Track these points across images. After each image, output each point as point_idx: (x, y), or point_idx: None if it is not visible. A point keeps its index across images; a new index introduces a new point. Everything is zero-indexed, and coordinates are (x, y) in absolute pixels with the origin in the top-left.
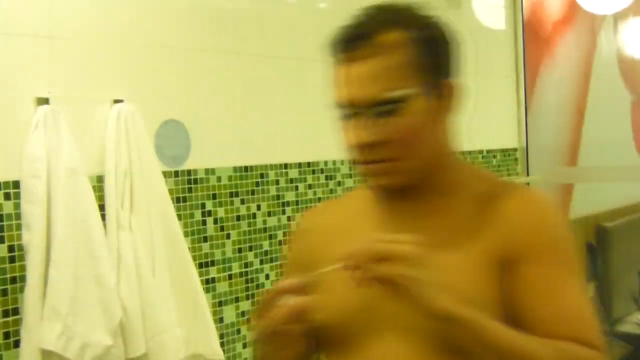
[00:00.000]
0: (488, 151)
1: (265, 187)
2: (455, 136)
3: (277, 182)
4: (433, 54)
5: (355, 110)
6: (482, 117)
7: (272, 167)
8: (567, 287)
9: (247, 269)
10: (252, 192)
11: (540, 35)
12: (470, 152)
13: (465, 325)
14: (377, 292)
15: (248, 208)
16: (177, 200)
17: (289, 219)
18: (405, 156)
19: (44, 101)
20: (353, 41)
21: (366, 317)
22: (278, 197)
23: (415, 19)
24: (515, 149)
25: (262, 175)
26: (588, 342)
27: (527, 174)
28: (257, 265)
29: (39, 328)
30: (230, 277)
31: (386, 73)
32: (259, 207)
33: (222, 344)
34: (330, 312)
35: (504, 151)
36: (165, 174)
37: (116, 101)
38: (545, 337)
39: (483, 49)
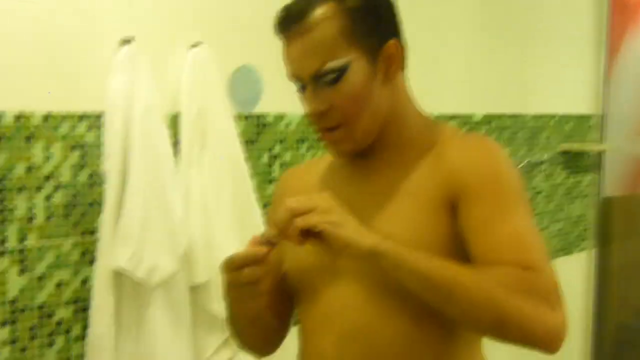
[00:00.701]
0: (562, 116)
1: None
2: (409, 93)
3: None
4: (368, 20)
5: (302, 83)
6: (559, 81)
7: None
8: (507, 216)
9: None
10: (319, 140)
11: (626, 2)
12: (542, 116)
13: (388, 258)
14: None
15: (313, 154)
16: (246, 142)
17: None
18: (351, 121)
19: (127, 41)
20: (288, 21)
21: (321, 267)
22: None
23: None
24: (590, 116)
25: None
26: (527, 264)
27: (602, 142)
28: None
29: (113, 249)
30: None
31: (320, 47)
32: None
33: None
34: (291, 264)
35: (579, 117)
36: (237, 117)
37: (193, 45)
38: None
39: (566, 14)
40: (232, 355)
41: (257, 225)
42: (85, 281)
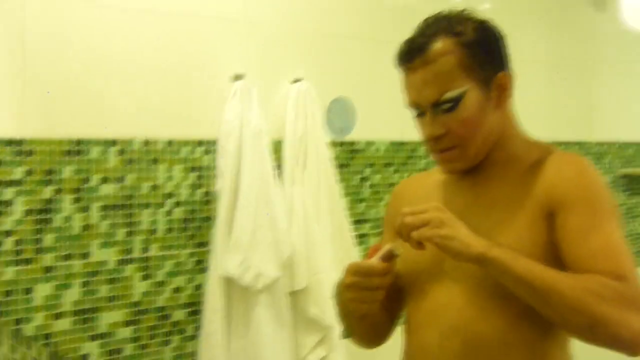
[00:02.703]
0: (623, 143)
1: (415, 160)
2: (513, 117)
3: (426, 157)
4: (482, 53)
5: (421, 110)
6: (620, 111)
7: (421, 143)
8: (600, 228)
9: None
10: (404, 164)
11: None
12: (605, 142)
13: (495, 263)
14: (434, 250)
15: (401, 177)
16: (340, 166)
17: None
18: (464, 144)
19: (239, 77)
20: (410, 54)
21: (430, 269)
22: (426, 169)
23: (464, 24)
24: None
25: (413, 150)
26: (618, 274)
27: None
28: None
29: (224, 258)
30: (380, 234)
31: (440, 78)
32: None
33: None
34: (406, 265)
35: (639, 144)
36: (331, 144)
37: (296, 80)
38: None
39: (624, 49)
40: (326, 353)
41: (347, 238)
42: (198, 287)
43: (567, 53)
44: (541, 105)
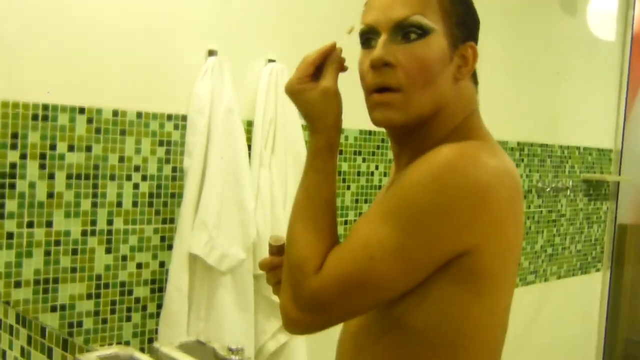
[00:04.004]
0: (585, 148)
1: (384, 151)
2: (466, 99)
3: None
4: (462, 12)
5: (376, 33)
6: (583, 117)
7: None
8: (368, 221)
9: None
10: (373, 154)
11: None
12: (568, 147)
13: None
14: None
15: (368, 166)
16: None
17: None
18: (409, 89)
19: (213, 53)
20: None
21: None
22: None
23: None
24: (610, 150)
25: (382, 140)
26: (323, 262)
27: (619, 174)
28: None
29: (190, 236)
30: (346, 222)
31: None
32: (377, 167)
33: None
34: None
35: (600, 150)
36: (303, 127)
37: (270, 60)
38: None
39: (591, 55)
40: (287, 339)
41: None
42: (162, 264)
43: (534, 54)
44: (506, 105)
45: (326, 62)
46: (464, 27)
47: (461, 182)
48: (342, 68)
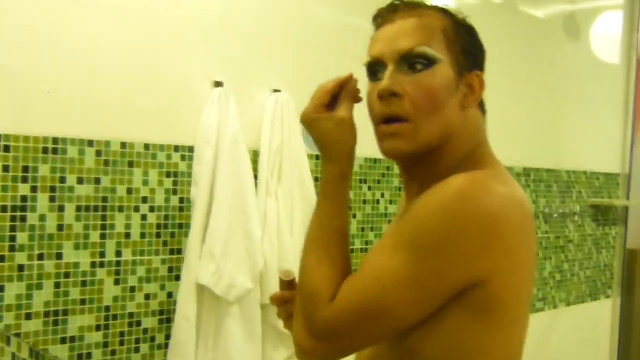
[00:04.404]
0: (591, 172)
1: (389, 178)
2: (475, 128)
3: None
4: (467, 41)
5: (382, 64)
6: (589, 141)
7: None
8: (380, 251)
9: (366, 246)
10: (378, 181)
11: None
12: (574, 171)
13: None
14: None
15: (373, 194)
16: (316, 179)
17: None
18: (417, 119)
19: (219, 84)
20: (397, 7)
21: None
22: (400, 188)
23: (455, 14)
24: (617, 174)
25: (387, 168)
26: (336, 291)
27: (628, 198)
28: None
29: (197, 266)
30: (352, 250)
31: (422, 30)
32: (382, 195)
33: None
34: None
35: (607, 175)
36: (309, 156)
37: (275, 90)
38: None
39: (596, 80)
40: None
41: None
42: (170, 294)
43: (539, 80)
44: (512, 131)
45: (342, 92)
46: (470, 56)
47: (472, 210)
48: (357, 99)
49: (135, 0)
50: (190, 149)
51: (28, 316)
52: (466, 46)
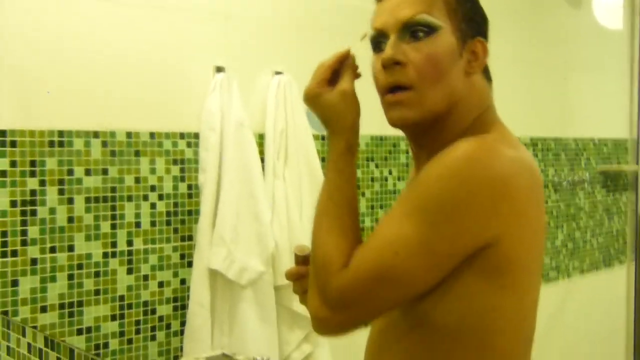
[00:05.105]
0: (599, 139)
1: (396, 155)
2: (480, 94)
3: (407, 151)
4: (469, 8)
5: (385, 36)
6: (595, 108)
7: (404, 138)
8: (391, 218)
9: (376, 224)
10: (385, 159)
11: None
12: (582, 139)
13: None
14: None
15: (381, 172)
16: (323, 159)
17: None
18: (422, 87)
19: (221, 69)
20: None
21: None
22: (407, 164)
23: None
24: (626, 140)
25: (394, 145)
26: (349, 261)
27: (637, 163)
28: None
29: (208, 252)
30: (362, 229)
31: (422, 0)
32: (390, 172)
33: None
34: None
35: (615, 141)
36: (314, 136)
37: (277, 72)
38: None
39: (600, 47)
40: (312, 350)
41: None
42: (183, 281)
43: (543, 50)
44: (517, 102)
45: (342, 68)
46: (472, 23)
47: (480, 173)
48: (357, 74)
49: None
50: (196, 135)
51: (43, 309)
52: (468, 13)
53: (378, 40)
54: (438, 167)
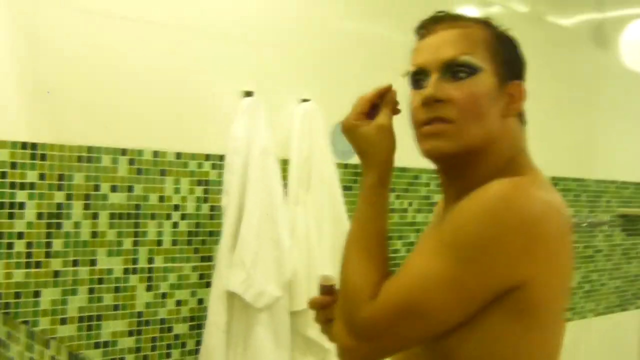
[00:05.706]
0: (622, 182)
1: (417, 187)
2: (514, 137)
3: (428, 184)
4: (508, 53)
5: (426, 73)
6: (619, 151)
7: (425, 171)
8: (422, 253)
9: (394, 255)
10: (406, 190)
11: None
12: (603, 181)
13: (362, 190)
14: None
15: (401, 203)
16: (344, 188)
17: None
18: (463, 121)
19: (249, 94)
20: (441, 17)
21: None
22: (427, 197)
23: (496, 26)
24: None
25: (415, 177)
26: (377, 293)
27: None
28: (402, 253)
29: (227, 273)
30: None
31: (465, 40)
32: (410, 204)
33: None
34: None
35: (637, 184)
36: (338, 165)
37: (304, 100)
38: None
39: (625, 89)
40: None
41: None
42: (201, 301)
43: (568, 89)
44: (540, 140)
45: (382, 102)
46: (511, 66)
47: (514, 214)
48: (397, 110)
49: (166, 13)
50: (221, 157)
51: (63, 321)
52: (507, 57)
53: (417, 77)
54: (472, 205)
